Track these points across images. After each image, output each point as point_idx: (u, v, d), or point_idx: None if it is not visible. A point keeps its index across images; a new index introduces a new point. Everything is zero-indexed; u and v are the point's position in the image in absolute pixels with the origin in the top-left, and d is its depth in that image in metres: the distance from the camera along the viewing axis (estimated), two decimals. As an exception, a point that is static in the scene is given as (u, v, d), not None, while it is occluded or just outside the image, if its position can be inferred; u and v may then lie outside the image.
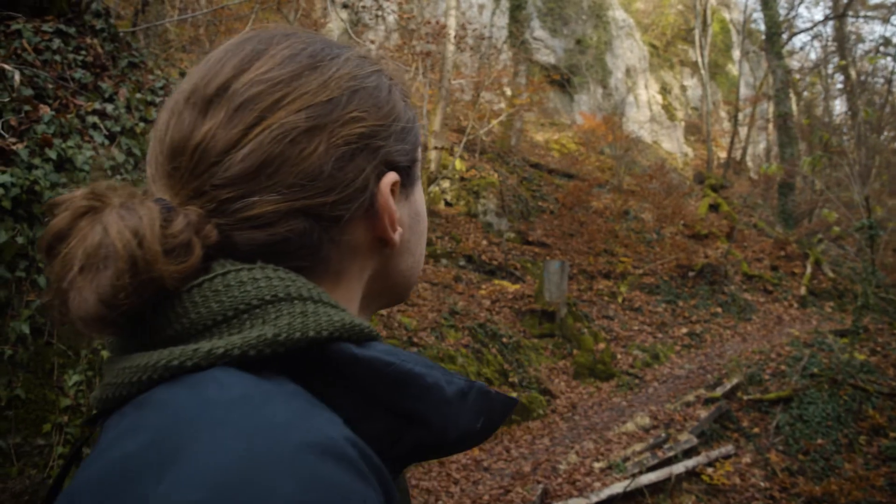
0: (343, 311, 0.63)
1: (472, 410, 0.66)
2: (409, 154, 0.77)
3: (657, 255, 15.92)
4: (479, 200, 16.11)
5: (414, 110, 0.81)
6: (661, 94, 28.18)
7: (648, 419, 8.83)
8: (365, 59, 0.76)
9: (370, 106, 0.71)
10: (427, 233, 0.84)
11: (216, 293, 0.60)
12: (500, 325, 11.37)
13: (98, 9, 4.57)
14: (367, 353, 0.60)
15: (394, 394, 0.60)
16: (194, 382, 0.54)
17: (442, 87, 15.58)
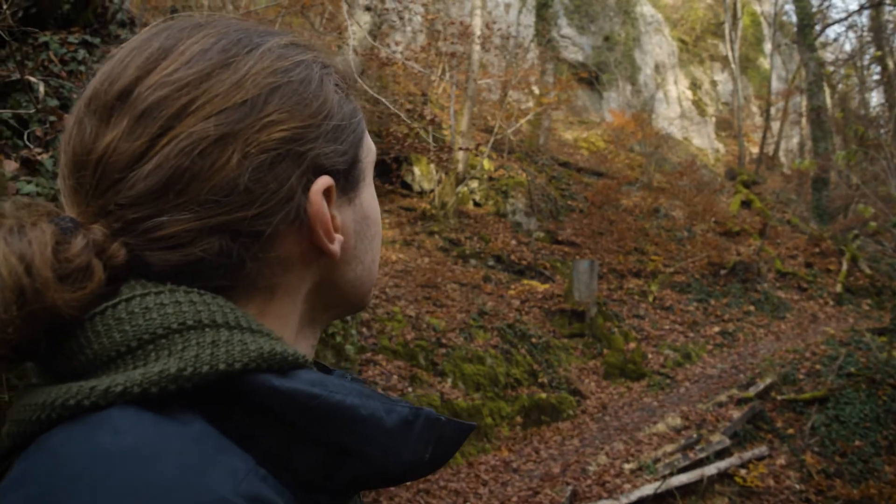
0: (264, 337, 0.57)
1: (418, 440, 0.62)
2: (346, 154, 0.69)
3: (688, 253, 15.74)
4: (507, 200, 16.05)
5: (354, 103, 0.73)
6: (692, 89, 27.83)
7: (680, 420, 8.72)
8: (292, 46, 0.68)
9: (293, 105, 0.63)
10: (379, 237, 0.77)
11: (119, 321, 0.55)
12: (530, 326, 11.31)
13: (123, 18, 4.64)
14: (289, 385, 0.55)
15: (323, 428, 0.56)
16: (90, 425, 0.49)
17: (468, 87, 15.55)
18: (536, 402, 9.50)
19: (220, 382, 0.53)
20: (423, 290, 11.22)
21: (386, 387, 8.16)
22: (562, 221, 16.55)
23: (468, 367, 9.38)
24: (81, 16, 4.45)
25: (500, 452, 8.45)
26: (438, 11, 17.32)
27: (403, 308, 10.11)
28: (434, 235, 13.84)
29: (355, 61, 10.30)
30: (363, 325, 9.17)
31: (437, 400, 8.37)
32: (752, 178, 21.25)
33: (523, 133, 19.32)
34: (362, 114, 0.75)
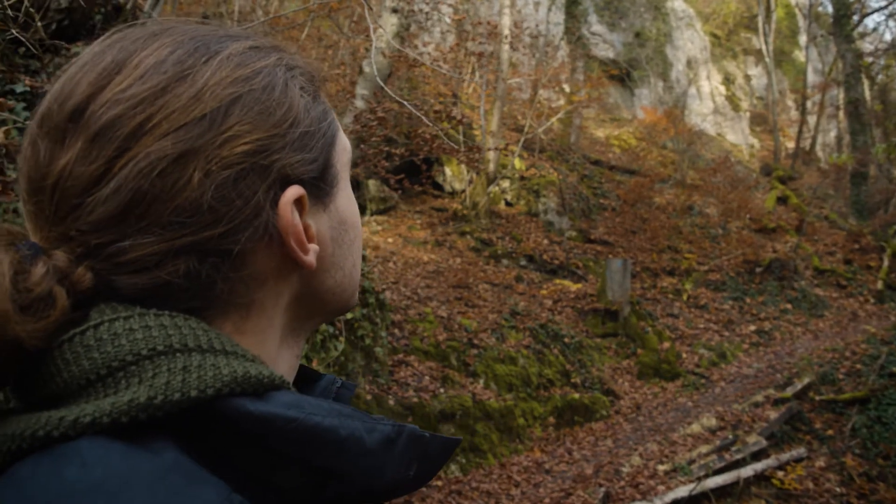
0: (239, 359, 0.56)
1: (401, 457, 0.60)
2: (316, 161, 0.66)
3: (723, 250, 15.55)
4: (539, 199, 16.01)
5: (324, 104, 0.70)
6: (725, 84, 27.46)
7: (715, 420, 8.60)
8: (253, 51, 0.64)
9: (256, 115, 0.60)
10: (360, 240, 0.74)
11: (87, 349, 0.53)
12: (562, 325, 11.25)
13: (154, 27, 4.68)
14: (265, 409, 0.53)
15: (302, 450, 0.54)
16: (59, 457, 0.48)
17: (498, 87, 15.52)
18: (569, 402, 9.45)
19: (194, 408, 0.51)
20: (455, 290, 11.22)
21: (418, 387, 8.17)
22: (594, 220, 16.46)
23: (500, 368, 9.36)
24: (112, 25, 4.51)
25: (532, 453, 8.42)
26: (467, 11, 17.31)
27: (435, 309, 10.12)
28: (466, 236, 13.84)
29: (383, 63, 10.33)
30: (395, 326, 9.19)
31: (468, 401, 8.36)
32: (788, 173, 20.92)
33: (554, 132, 19.25)
34: (334, 114, 0.72)
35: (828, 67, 26.88)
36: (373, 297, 5.95)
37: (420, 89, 16.18)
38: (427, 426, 7.80)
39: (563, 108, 18.54)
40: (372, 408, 7.45)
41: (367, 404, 7.44)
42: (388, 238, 13.07)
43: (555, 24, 19.86)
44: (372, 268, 10.01)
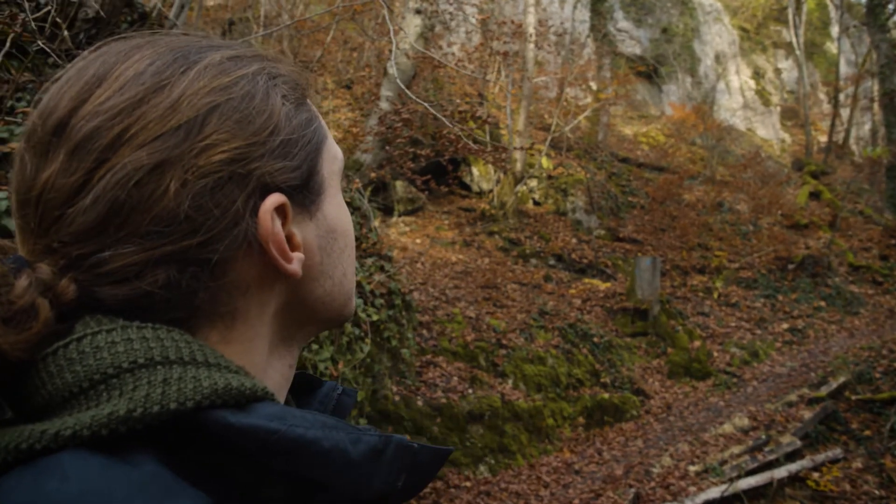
0: (221, 371, 0.56)
1: (389, 468, 0.60)
2: (299, 169, 0.65)
3: (754, 247, 15.35)
4: (567, 198, 15.94)
5: (309, 112, 0.70)
6: (754, 79, 27.08)
7: (747, 420, 8.48)
8: (234, 60, 0.65)
9: (234, 123, 0.60)
10: (353, 245, 0.74)
11: (70, 361, 0.54)
12: (591, 325, 11.18)
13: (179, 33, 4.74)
14: (246, 421, 0.53)
15: (286, 463, 0.54)
16: (41, 470, 0.48)
17: (524, 86, 15.48)
18: (599, 402, 9.38)
19: (175, 421, 0.52)
20: (483, 290, 11.21)
21: (446, 388, 8.17)
22: (623, 218, 16.34)
23: (529, 368, 9.33)
24: (139, 33, 4.57)
25: (561, 454, 8.37)
26: (492, 11, 17.28)
27: (463, 309, 10.11)
28: (494, 235, 13.82)
29: (407, 64, 10.35)
30: (423, 326, 9.20)
31: (497, 401, 8.34)
32: (821, 168, 20.58)
33: (582, 130, 19.17)
34: (321, 121, 0.72)
35: (861, 58, 26.37)
36: (399, 298, 5.96)
37: (446, 89, 16.19)
38: (455, 427, 7.80)
39: (591, 105, 18.45)
40: (400, 409, 7.47)
41: (395, 405, 7.46)
42: (416, 239, 13.09)
43: (580, 22, 19.75)
44: (399, 269, 10.03)
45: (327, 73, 14.94)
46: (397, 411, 7.44)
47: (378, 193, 13.16)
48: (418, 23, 10.15)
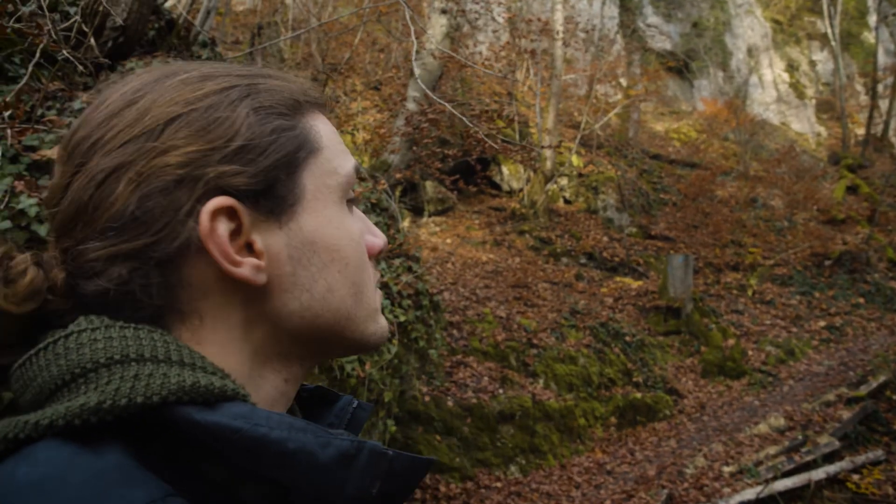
0: (191, 369, 0.59)
1: (363, 474, 0.59)
2: (259, 175, 0.66)
3: (789, 243, 15.10)
4: (598, 196, 15.86)
5: (288, 123, 0.69)
6: (788, 71, 26.62)
7: (783, 420, 8.33)
8: (210, 77, 0.68)
9: (193, 131, 0.63)
10: (356, 264, 0.72)
11: (57, 356, 0.59)
12: (623, 324, 11.10)
13: (205, 39, 4.80)
14: (210, 419, 0.55)
15: (249, 461, 0.56)
16: (21, 457, 0.53)
17: (552, 84, 15.40)
18: (631, 402, 9.30)
19: (143, 415, 0.55)
20: (514, 290, 11.18)
21: (476, 388, 8.16)
22: (654, 216, 16.21)
23: (560, 368, 9.28)
24: (166, 40, 4.64)
25: (593, 454, 8.31)
26: (520, 9, 17.22)
27: (494, 309, 10.09)
28: (524, 235, 13.78)
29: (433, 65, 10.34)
30: (453, 326, 9.20)
31: (528, 401, 8.31)
32: (859, 161, 20.17)
33: (612, 127, 19.05)
34: (316, 133, 0.72)
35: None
36: (426, 299, 5.96)
37: (475, 89, 16.18)
38: (486, 427, 7.79)
39: (621, 102, 18.33)
40: (430, 409, 7.48)
41: (425, 406, 7.46)
42: (446, 239, 13.10)
43: (609, 18, 19.60)
44: (428, 269, 10.04)
45: (356, 74, 15.01)
46: (427, 412, 7.45)
47: (407, 194, 13.19)
48: (444, 22, 10.14)
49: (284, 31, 13.24)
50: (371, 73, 15.72)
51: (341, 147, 0.74)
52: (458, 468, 7.25)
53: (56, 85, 3.69)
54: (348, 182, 0.73)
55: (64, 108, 3.59)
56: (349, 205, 0.75)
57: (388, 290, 5.40)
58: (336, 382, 4.42)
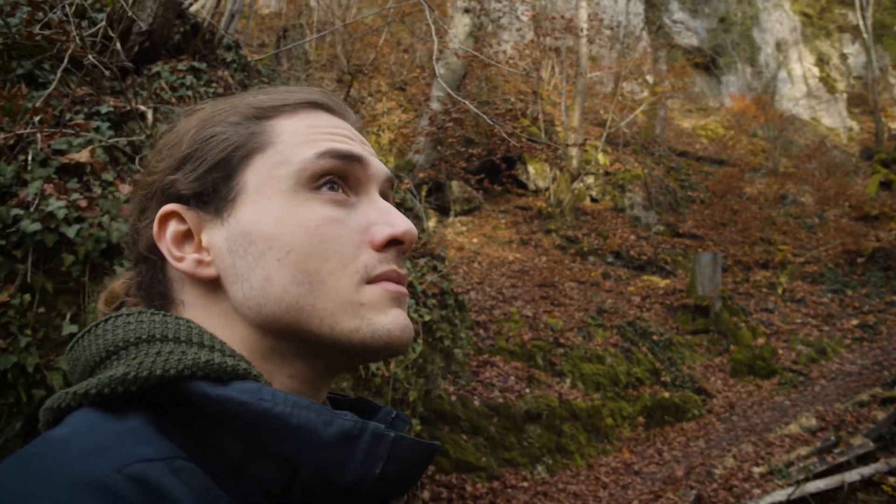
0: (207, 350, 0.65)
1: (366, 454, 0.62)
2: (197, 180, 0.74)
3: (820, 240, 14.87)
4: (625, 194, 15.77)
5: (215, 129, 0.75)
6: (818, 65, 26.19)
7: (815, 420, 8.19)
8: (216, 107, 0.79)
9: (165, 153, 0.76)
10: (303, 252, 0.71)
11: (97, 338, 0.68)
12: (651, 323, 11.01)
13: (229, 42, 4.84)
14: (220, 393, 0.60)
15: (256, 435, 0.60)
16: (61, 423, 0.60)
17: (577, 82, 15.32)
18: (659, 401, 9.22)
19: (162, 387, 0.61)
20: (541, 289, 11.14)
21: (503, 388, 8.14)
22: (682, 213, 16.07)
23: (587, 367, 9.22)
24: (191, 44, 4.69)
25: (621, 454, 8.25)
26: (544, 7, 17.15)
27: (520, 308, 10.06)
28: (551, 234, 13.74)
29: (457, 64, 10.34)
30: (479, 326, 9.19)
31: (555, 401, 8.27)
32: (893, 156, 19.81)
33: (638, 125, 18.91)
34: (261, 129, 0.76)
35: (934, 41, 25.26)
36: (451, 298, 5.96)
37: (500, 88, 16.15)
38: (513, 427, 7.77)
39: (647, 99, 18.18)
40: (456, 409, 7.47)
41: (452, 405, 7.46)
42: (472, 238, 13.10)
43: (634, 15, 19.45)
44: (453, 269, 10.03)
45: (380, 75, 15.06)
46: (454, 411, 7.45)
47: (433, 194, 13.20)
48: (467, 22, 10.13)
49: (309, 33, 13.32)
50: (396, 74, 15.76)
51: (307, 138, 0.75)
52: (485, 468, 7.24)
53: (84, 90, 3.75)
54: (303, 169, 0.73)
55: (92, 113, 3.65)
56: (345, 191, 0.76)
57: (413, 290, 5.41)
58: (361, 382, 4.44)
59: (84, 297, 2.92)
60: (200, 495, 0.55)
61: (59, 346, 2.82)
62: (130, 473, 0.52)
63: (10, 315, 2.69)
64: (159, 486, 0.52)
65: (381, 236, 0.74)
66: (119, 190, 3.22)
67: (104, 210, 3.03)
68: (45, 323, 2.82)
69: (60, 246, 2.91)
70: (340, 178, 0.75)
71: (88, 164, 3.23)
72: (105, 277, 2.96)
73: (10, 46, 3.64)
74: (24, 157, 3.09)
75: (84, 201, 3.00)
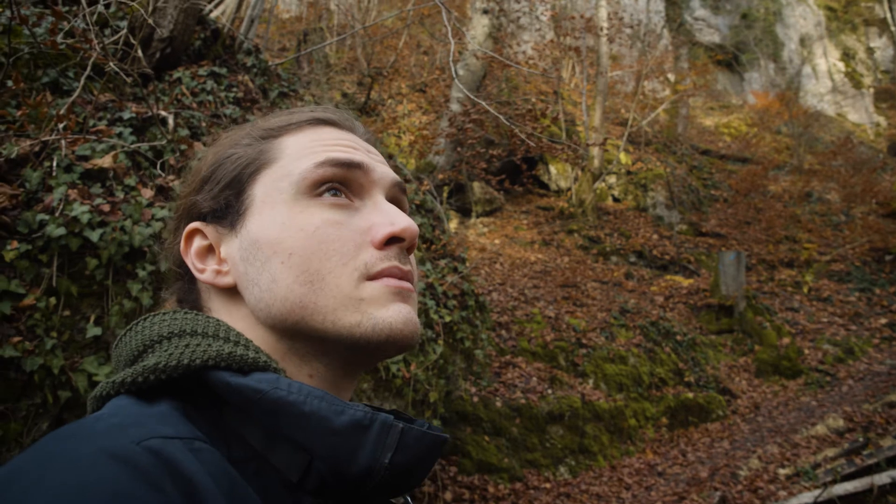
0: (231, 344, 0.70)
1: (376, 443, 0.65)
2: (215, 198, 0.82)
3: (847, 238, 14.67)
4: (647, 193, 15.68)
5: (229, 151, 0.84)
6: (843, 60, 25.84)
7: (843, 421, 8.07)
8: (237, 132, 0.87)
9: (191, 179, 0.85)
10: (304, 253, 0.76)
11: (136, 334, 0.74)
12: (674, 322, 10.92)
13: (249, 47, 4.88)
14: (239, 381, 0.65)
15: (271, 421, 0.64)
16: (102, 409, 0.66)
17: (598, 81, 15.26)
18: (683, 402, 9.14)
19: (189, 377, 0.67)
20: (563, 289, 11.11)
21: (525, 389, 8.12)
22: (705, 212, 15.94)
23: (610, 368, 9.17)
24: (211, 49, 4.74)
25: (644, 455, 8.19)
26: (564, 7, 17.10)
27: (542, 309, 10.03)
28: (573, 234, 13.69)
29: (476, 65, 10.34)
30: (501, 327, 9.18)
31: (577, 402, 8.24)
32: (921, 152, 19.49)
33: (660, 123, 18.80)
34: (267, 147, 0.83)
35: (962, 35, 24.81)
36: (472, 299, 5.95)
37: (521, 88, 16.13)
38: (535, 427, 7.75)
39: (668, 98, 18.05)
40: (478, 409, 7.47)
41: (474, 406, 7.46)
42: (494, 239, 13.09)
43: (655, 13, 19.31)
44: (474, 270, 10.03)
45: (401, 77, 15.10)
46: (475, 412, 7.44)
47: (455, 195, 13.21)
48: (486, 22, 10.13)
49: (330, 36, 13.39)
50: (416, 76, 15.80)
51: (309, 150, 0.81)
52: (507, 469, 7.23)
53: (107, 96, 3.80)
54: (303, 178, 0.79)
55: (114, 119, 3.70)
56: (348, 196, 0.81)
57: (434, 291, 5.41)
58: (381, 383, 4.45)
59: (107, 299, 2.97)
60: (217, 477, 0.57)
61: (83, 348, 2.86)
62: (149, 446, 0.55)
63: (36, 318, 2.74)
64: (174, 461, 0.55)
65: (381, 234, 0.77)
66: (141, 194, 3.26)
67: (126, 214, 3.07)
68: (70, 325, 2.87)
69: (84, 250, 2.95)
70: (342, 185, 0.80)
71: (111, 170, 3.27)
72: (128, 281, 3.00)
73: (37, 56, 3.70)
74: (49, 163, 3.14)
75: (107, 206, 3.04)
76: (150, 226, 3.09)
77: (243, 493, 0.59)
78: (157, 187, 3.31)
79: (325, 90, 10.23)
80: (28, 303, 2.76)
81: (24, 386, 2.70)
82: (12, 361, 2.63)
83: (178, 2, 4.23)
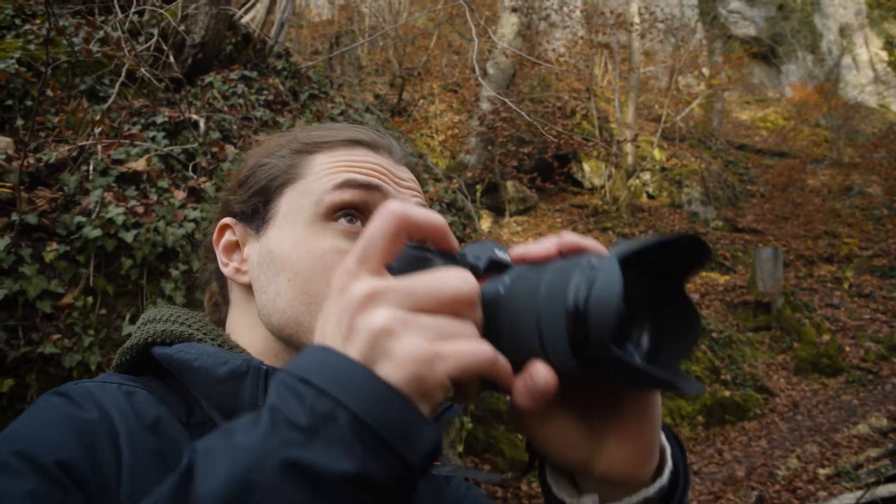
0: (177, 325, 0.83)
1: (251, 388, 0.74)
2: (247, 201, 0.90)
3: (889, 232, 14.37)
4: (682, 190, 15.54)
5: (265, 160, 0.91)
6: (886, 49, 25.25)
7: (886, 421, 7.90)
8: (277, 138, 0.95)
9: (233, 177, 0.95)
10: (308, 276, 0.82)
11: (140, 322, 0.87)
12: (710, 320, 10.80)
13: (279, 51, 4.95)
14: (161, 351, 0.79)
15: (182, 377, 0.77)
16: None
17: (630, 77, 15.14)
18: (719, 400, 9.04)
19: (144, 352, 0.82)
20: (596, 287, 11.03)
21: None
22: (741, 208, 15.75)
23: (644, 366, 9.09)
24: (243, 53, 4.82)
25: (679, 454, 8.10)
26: (596, 3, 17.01)
27: (576, 307, 9.98)
28: (607, 231, 13.61)
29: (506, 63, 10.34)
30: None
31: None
32: (967, 143, 18.98)
33: (695, 119, 18.60)
34: (299, 161, 0.89)
35: None
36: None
37: (553, 86, 16.07)
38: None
39: (703, 92, 17.85)
40: (511, 409, 7.45)
41: (507, 404, 7.45)
42: (528, 238, 13.06)
43: (688, 7, 19.09)
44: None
45: (432, 77, 15.14)
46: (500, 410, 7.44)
47: (487, 194, 13.21)
48: (515, 21, 10.12)
49: (361, 38, 13.49)
50: (447, 76, 15.84)
51: (331, 170, 0.87)
52: (541, 467, 7.21)
53: (140, 101, 3.89)
54: (321, 200, 0.84)
55: (148, 123, 3.79)
56: (364, 222, 0.85)
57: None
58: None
59: (142, 298, 3.05)
60: (139, 411, 0.71)
61: (119, 345, 2.95)
62: (83, 385, 0.72)
63: (74, 316, 2.83)
64: (95, 392, 0.71)
65: None
66: (174, 196, 3.34)
67: (160, 216, 3.15)
68: (107, 324, 2.95)
69: (119, 250, 3.03)
70: (360, 209, 0.84)
71: (145, 173, 3.36)
72: (161, 280, 3.08)
73: (74, 64, 3.81)
74: (86, 167, 3.23)
75: (141, 208, 3.12)
76: (182, 226, 3.16)
77: (168, 430, 0.72)
78: (189, 189, 3.38)
79: (357, 92, 10.31)
80: (67, 302, 2.85)
81: (63, 381, 2.78)
82: (53, 358, 2.73)
83: (209, 8, 4.31)
